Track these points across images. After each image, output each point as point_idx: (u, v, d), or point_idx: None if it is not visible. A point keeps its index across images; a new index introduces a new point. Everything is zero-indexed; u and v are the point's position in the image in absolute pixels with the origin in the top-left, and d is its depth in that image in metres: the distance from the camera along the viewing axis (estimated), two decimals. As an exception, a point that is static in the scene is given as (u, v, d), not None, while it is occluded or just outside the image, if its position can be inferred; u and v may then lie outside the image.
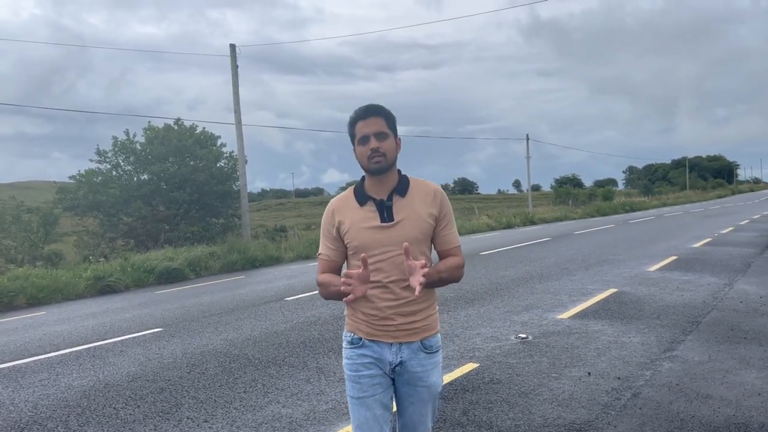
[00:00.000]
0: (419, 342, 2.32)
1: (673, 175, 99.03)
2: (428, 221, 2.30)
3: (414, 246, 2.25)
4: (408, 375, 2.33)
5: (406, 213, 2.29)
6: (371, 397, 2.32)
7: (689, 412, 4.05)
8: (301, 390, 4.87)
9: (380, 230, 2.28)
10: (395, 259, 2.24)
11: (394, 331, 2.30)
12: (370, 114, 2.28)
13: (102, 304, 10.64)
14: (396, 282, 2.26)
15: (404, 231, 2.27)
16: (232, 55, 20.58)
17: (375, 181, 2.32)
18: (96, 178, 23.42)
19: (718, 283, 8.98)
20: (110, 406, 4.75)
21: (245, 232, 20.24)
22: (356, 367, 2.34)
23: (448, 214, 2.36)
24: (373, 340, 2.32)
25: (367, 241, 2.27)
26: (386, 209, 2.29)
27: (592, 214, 35.89)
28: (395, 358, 2.31)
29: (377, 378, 2.33)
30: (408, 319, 2.30)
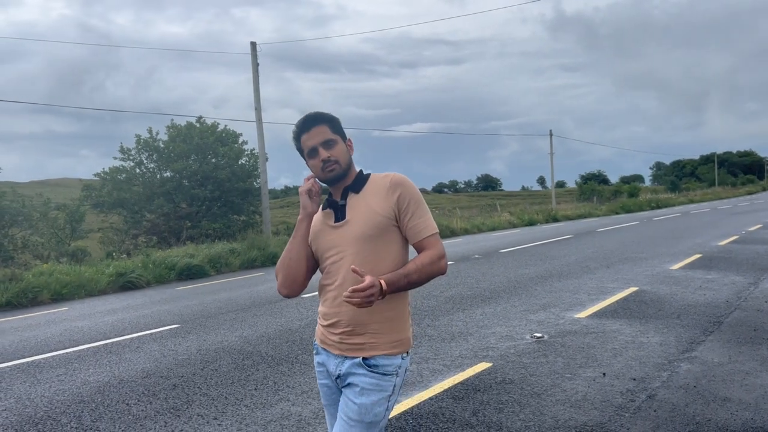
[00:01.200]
0: (361, 358, 2.12)
1: (702, 171, 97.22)
2: (382, 215, 2.12)
3: (367, 244, 2.10)
4: (346, 387, 2.16)
5: (358, 209, 2.15)
6: (332, 405, 2.28)
7: (705, 416, 3.94)
8: (311, 388, 4.86)
9: (332, 230, 2.18)
10: (345, 260, 2.11)
11: (338, 342, 2.16)
12: (311, 124, 2.17)
13: (123, 300, 10.78)
14: (343, 285, 2.10)
15: (354, 228, 2.13)
16: (253, 53, 20.68)
17: (336, 188, 2.23)
18: (120, 175, 23.75)
19: (743, 282, 8.75)
20: (123, 402, 4.80)
21: (266, 229, 20.36)
22: (318, 375, 2.31)
23: (411, 202, 2.13)
24: (324, 348, 2.24)
25: (321, 243, 2.19)
26: (339, 209, 2.19)
27: (617, 211, 35.38)
28: (335, 370, 2.19)
29: (333, 388, 2.26)
30: (353, 329, 2.12)
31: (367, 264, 2.09)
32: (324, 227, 2.20)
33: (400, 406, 4.32)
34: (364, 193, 2.18)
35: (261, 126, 20.43)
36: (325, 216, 2.22)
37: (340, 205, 2.19)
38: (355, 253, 2.11)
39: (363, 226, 2.12)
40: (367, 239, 2.11)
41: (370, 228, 2.12)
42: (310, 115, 2.18)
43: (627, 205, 38.59)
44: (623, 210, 36.21)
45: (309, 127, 2.17)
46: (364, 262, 2.09)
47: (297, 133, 2.20)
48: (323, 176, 2.18)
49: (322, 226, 2.21)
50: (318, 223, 2.23)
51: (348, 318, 2.12)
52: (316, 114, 2.19)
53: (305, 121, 2.18)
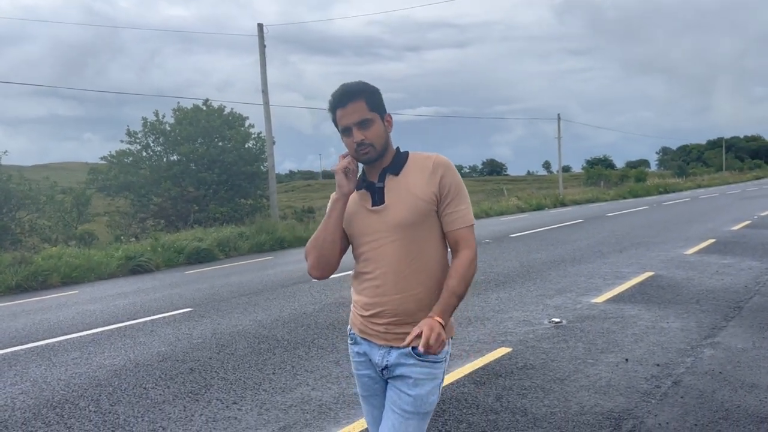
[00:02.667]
0: (411, 348, 1.96)
1: (709, 156, 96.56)
2: (424, 200, 1.99)
3: (407, 231, 1.99)
4: (395, 380, 2.05)
5: (397, 193, 2.01)
6: (373, 396, 2.17)
7: (734, 402, 3.87)
8: (330, 372, 4.81)
9: (369, 214, 2.03)
10: (386, 248, 1.99)
11: (384, 332, 2.04)
12: (347, 99, 1.99)
13: (133, 284, 10.76)
14: (385, 274, 2.00)
15: (394, 214, 1.99)
16: (260, 34, 20.48)
17: (368, 166, 2.08)
18: (127, 158, 23.71)
19: (760, 267, 8.65)
20: (140, 386, 4.76)
21: (273, 213, 20.30)
22: (357, 366, 2.18)
23: (453, 189, 2.01)
24: (364, 338, 2.11)
25: (358, 228, 2.05)
26: (377, 192, 2.04)
27: (625, 196, 35.20)
28: (381, 361, 2.06)
29: (376, 378, 2.14)
30: (399, 319, 2.02)
31: (410, 254, 2.00)
32: (360, 210, 2.06)
33: (421, 392, 4.26)
34: (404, 176, 2.04)
35: (268, 109, 20.29)
36: (361, 197, 2.07)
37: (378, 187, 2.04)
38: (397, 240, 2.00)
39: (404, 213, 1.99)
40: (408, 226, 1.99)
41: (411, 214, 1.99)
42: (347, 88, 2.01)
43: (635, 189, 38.39)
44: (631, 195, 36.02)
45: (345, 103, 1.99)
46: (407, 252, 2.00)
47: (332, 105, 2.04)
48: (358, 158, 2.04)
49: (358, 208, 2.06)
50: (353, 204, 2.07)
51: (394, 308, 2.01)
52: (354, 86, 2.02)
53: (342, 95, 2.00)
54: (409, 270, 1.99)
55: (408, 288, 2.00)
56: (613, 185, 44.62)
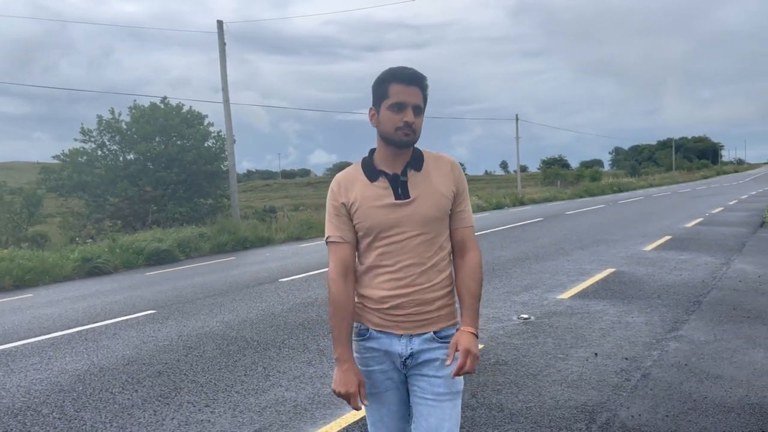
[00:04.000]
0: (432, 332, 2.04)
1: (659, 156, 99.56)
2: (447, 197, 2.04)
3: (432, 225, 2.02)
4: (421, 366, 2.05)
5: (423, 189, 2.02)
6: (384, 393, 2.10)
7: (701, 393, 3.99)
8: (303, 373, 4.75)
9: (395, 208, 2.00)
10: (410, 241, 2.00)
11: (405, 322, 2.04)
12: (412, 81, 1.98)
13: (91, 286, 10.43)
14: (411, 267, 2.01)
15: (422, 209, 2.01)
16: (220, 32, 20.15)
17: (390, 154, 2.03)
18: (81, 157, 22.98)
19: (715, 262, 8.96)
20: (106, 391, 4.60)
21: (235, 213, 20.00)
22: (366, 362, 2.09)
23: (465, 190, 2.11)
24: (381, 331, 2.06)
25: (380, 221, 2.00)
26: (401, 185, 2.01)
27: (581, 195, 35.98)
28: (405, 350, 2.05)
29: (389, 372, 2.09)
30: (421, 308, 2.03)
31: (431, 247, 2.03)
32: (380, 203, 2.01)
33: (397, 390, 4.26)
34: (426, 172, 2.05)
35: (228, 107, 19.98)
36: (379, 190, 2.02)
37: (403, 180, 2.03)
38: (422, 234, 2.02)
39: (431, 208, 2.02)
40: (433, 221, 2.03)
41: (437, 210, 2.03)
42: (416, 71, 2.01)
43: (590, 188, 39.29)
44: (587, 193, 36.85)
45: (410, 82, 1.97)
46: (429, 246, 2.03)
47: (389, 78, 1.99)
48: (393, 134, 1.98)
49: (379, 203, 2.01)
50: (371, 197, 2.02)
51: (417, 298, 2.02)
52: (421, 74, 2.02)
53: (411, 75, 1.99)
54: (430, 263, 2.03)
55: (429, 279, 2.03)
56: (570, 184, 45.55)
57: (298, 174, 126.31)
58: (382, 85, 2.00)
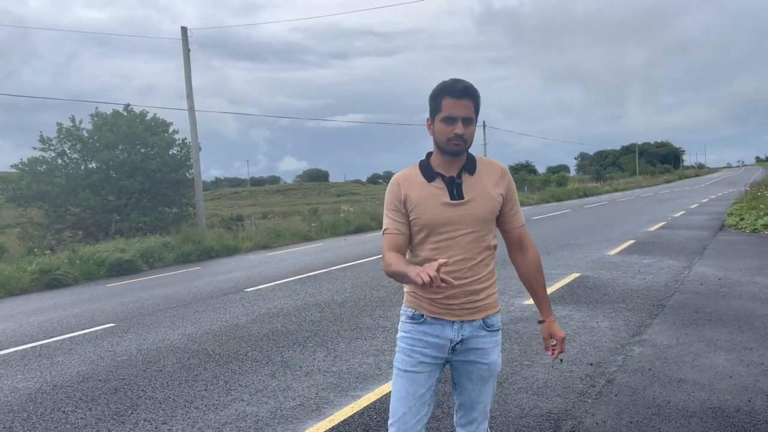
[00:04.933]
0: (481, 320, 2.31)
1: (623, 161, 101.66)
2: (497, 200, 2.28)
3: (482, 225, 2.25)
4: (469, 353, 2.32)
5: (476, 191, 2.25)
6: (420, 373, 2.32)
7: (665, 398, 4.00)
8: (266, 386, 4.63)
9: (450, 207, 2.23)
10: (463, 238, 2.23)
11: (457, 310, 2.28)
12: (464, 95, 2.17)
13: (49, 299, 10.10)
14: (462, 261, 2.24)
15: (475, 209, 2.24)
16: (184, 38, 19.87)
17: (445, 160, 2.25)
18: (40, 166, 22.34)
19: (677, 266, 9.10)
20: (59, 410, 4.41)
21: (200, 222, 19.68)
22: (412, 342, 2.33)
23: (515, 194, 2.36)
24: (435, 318, 2.30)
25: (436, 218, 2.23)
26: (456, 187, 2.24)
27: (548, 200, 36.43)
28: (457, 336, 2.29)
29: (430, 357, 2.31)
30: (471, 298, 2.27)
31: (481, 244, 2.26)
32: (436, 202, 2.23)
33: (361, 401, 4.18)
34: (479, 176, 2.28)
35: (193, 114, 19.68)
36: (436, 190, 2.25)
37: (458, 182, 2.25)
38: (473, 232, 2.24)
39: (483, 209, 2.24)
40: (484, 221, 2.25)
41: (488, 211, 2.26)
42: (466, 84, 2.19)
43: (557, 193, 39.85)
44: (553, 199, 37.34)
45: (461, 96, 2.16)
46: (479, 243, 2.26)
47: (441, 92, 2.19)
48: (445, 145, 2.20)
49: (434, 201, 2.23)
50: (427, 196, 2.24)
51: (467, 289, 2.25)
52: (471, 87, 2.20)
53: (463, 89, 2.17)
54: (479, 258, 2.26)
55: (477, 273, 2.27)
56: (537, 190, 46.09)
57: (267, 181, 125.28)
58: (436, 99, 2.21)
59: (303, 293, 8.51)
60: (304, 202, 60.56)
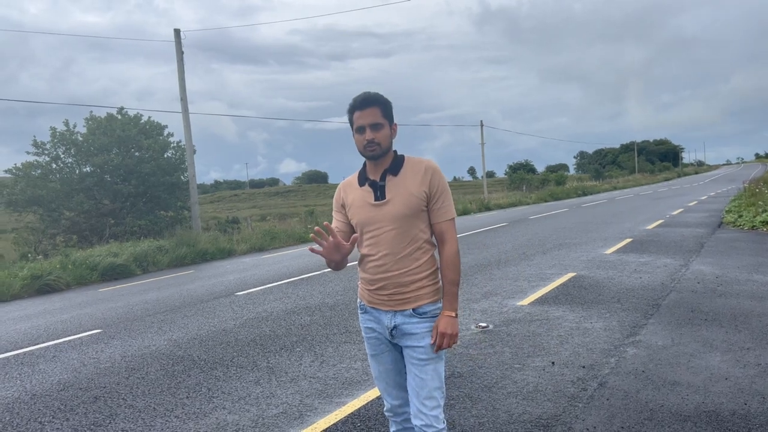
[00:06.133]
0: (411, 309, 2.46)
1: (622, 159, 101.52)
2: (419, 197, 2.41)
3: (404, 221, 2.41)
4: (404, 338, 2.49)
5: (397, 191, 2.43)
6: (380, 354, 2.58)
7: (658, 401, 3.87)
8: (249, 393, 4.51)
9: (374, 208, 2.45)
10: (387, 234, 2.42)
11: (388, 301, 2.48)
12: (366, 105, 2.39)
13: (39, 305, 9.97)
14: (388, 256, 2.43)
15: (394, 208, 2.41)
16: (177, 40, 19.75)
17: (372, 164, 2.48)
18: (34, 171, 22.21)
19: (674, 264, 8.98)
20: (35, 420, 4.29)
21: (195, 225, 19.55)
22: (366, 330, 2.60)
23: (440, 189, 2.45)
24: (373, 307, 2.53)
25: (364, 218, 2.47)
26: (379, 189, 2.45)
27: (546, 199, 36.31)
28: (390, 323, 2.49)
29: (382, 339, 2.56)
30: (400, 289, 2.45)
31: (405, 239, 2.42)
32: (365, 204, 2.47)
33: (346, 408, 4.05)
34: (402, 176, 2.45)
35: (187, 116, 19.56)
36: (365, 193, 2.48)
37: (380, 185, 2.45)
38: (395, 229, 2.41)
39: (402, 207, 2.41)
40: (404, 218, 2.41)
41: (407, 208, 2.41)
42: (368, 95, 2.41)
43: (555, 192, 39.70)
44: (552, 198, 37.21)
45: (364, 107, 2.39)
46: (403, 238, 2.42)
47: (352, 108, 2.43)
48: (364, 153, 2.43)
49: (363, 203, 2.47)
50: (359, 200, 2.49)
51: (392, 282, 2.44)
52: (373, 95, 2.42)
53: (363, 101, 2.40)
54: (405, 252, 2.42)
55: (404, 266, 2.43)
56: (535, 189, 45.99)
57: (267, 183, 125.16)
58: (349, 115, 2.46)
59: (294, 296, 8.39)
60: (302, 203, 60.42)
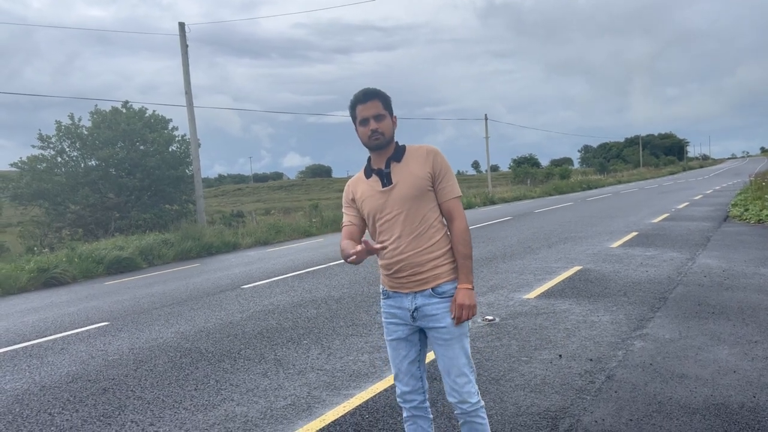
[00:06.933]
0: (430, 289, 2.55)
1: (627, 153, 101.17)
2: (424, 178, 2.53)
3: (412, 202, 2.51)
4: (425, 319, 2.57)
5: (402, 175, 2.54)
6: (397, 340, 2.65)
7: (666, 394, 3.87)
8: (257, 385, 4.53)
9: (382, 194, 2.56)
10: (398, 217, 2.52)
11: (407, 283, 2.57)
12: (368, 98, 2.52)
13: (45, 298, 10.02)
14: (401, 238, 2.52)
15: (401, 190, 2.52)
16: (182, 34, 19.73)
17: (376, 155, 2.60)
18: (40, 165, 22.27)
19: (681, 258, 8.96)
20: (45, 412, 4.32)
21: (200, 218, 19.59)
22: (386, 315, 2.68)
23: (443, 169, 2.56)
24: (394, 291, 2.62)
25: (374, 206, 2.57)
26: (385, 176, 2.56)
27: (551, 193, 36.23)
28: (411, 305, 2.58)
29: (401, 324, 2.63)
30: (416, 269, 2.53)
31: (415, 220, 2.52)
32: (373, 192, 2.58)
33: (354, 400, 4.06)
34: (405, 162, 2.57)
35: (192, 110, 19.56)
36: (372, 182, 2.60)
37: (386, 172, 2.56)
38: (405, 211, 2.52)
39: (409, 189, 2.52)
40: (413, 199, 2.52)
41: (414, 189, 2.52)
42: (368, 90, 2.54)
43: (560, 186, 39.60)
44: (556, 191, 37.12)
45: (365, 100, 2.52)
46: (413, 219, 2.52)
47: (354, 102, 2.55)
48: (368, 143, 2.55)
49: (372, 192, 2.59)
50: (367, 190, 2.60)
51: (409, 263, 2.53)
52: (373, 90, 2.54)
53: (364, 95, 2.52)
54: (417, 232, 2.52)
55: (418, 246, 2.52)
56: (540, 183, 45.88)
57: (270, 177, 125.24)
58: (351, 110, 2.58)
59: (300, 289, 8.40)
60: (306, 197, 60.45)
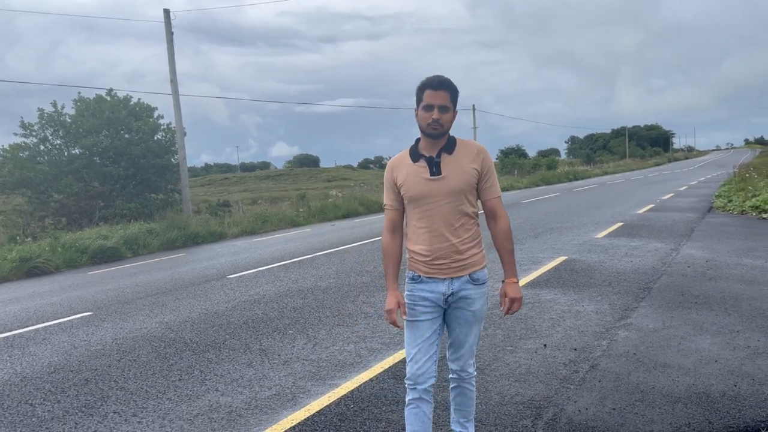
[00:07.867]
0: (468, 275, 2.70)
1: (613, 144, 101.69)
2: (472, 174, 2.64)
3: (458, 195, 2.62)
4: (459, 302, 2.72)
5: (453, 168, 2.63)
6: (422, 321, 2.73)
7: (649, 383, 3.90)
8: (242, 375, 4.50)
9: (430, 182, 2.63)
10: (442, 207, 2.62)
11: (446, 269, 2.67)
12: (440, 87, 2.57)
13: (28, 288, 9.90)
14: (444, 226, 2.63)
15: (450, 183, 2.61)
16: (167, 20, 19.48)
17: (428, 142, 2.65)
18: (22, 153, 21.93)
19: (665, 248, 9.02)
20: (26, 403, 4.27)
21: (186, 208, 19.44)
22: (414, 298, 2.74)
23: (490, 169, 2.70)
24: (430, 277, 2.70)
25: (418, 192, 2.64)
26: (435, 164, 2.63)
27: (537, 183, 36.37)
28: (448, 290, 2.69)
29: (429, 308, 2.73)
30: (456, 257, 2.66)
31: (458, 212, 2.64)
32: (419, 178, 2.65)
33: (339, 390, 4.06)
34: (456, 155, 2.65)
35: (177, 98, 19.36)
36: (419, 169, 2.65)
37: (436, 161, 2.63)
38: (450, 203, 2.62)
39: (458, 182, 2.62)
40: (459, 192, 2.63)
41: (463, 184, 2.63)
42: (443, 79, 2.60)
43: (546, 177, 39.75)
44: (543, 182, 37.27)
45: (437, 88, 2.57)
46: (456, 211, 2.64)
47: (424, 84, 2.59)
48: (425, 129, 2.62)
49: (418, 178, 2.65)
50: (413, 174, 2.66)
51: (449, 251, 2.65)
52: (447, 80, 2.60)
53: (438, 83, 2.58)
54: (459, 223, 2.65)
55: (458, 236, 2.66)
56: (527, 173, 46.01)
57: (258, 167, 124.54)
58: (419, 91, 2.62)
59: (286, 279, 8.37)
60: (294, 187, 60.20)
